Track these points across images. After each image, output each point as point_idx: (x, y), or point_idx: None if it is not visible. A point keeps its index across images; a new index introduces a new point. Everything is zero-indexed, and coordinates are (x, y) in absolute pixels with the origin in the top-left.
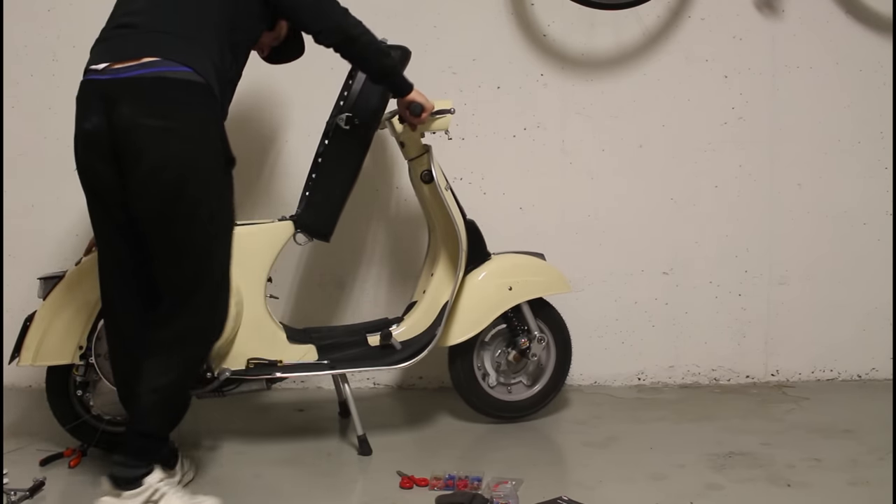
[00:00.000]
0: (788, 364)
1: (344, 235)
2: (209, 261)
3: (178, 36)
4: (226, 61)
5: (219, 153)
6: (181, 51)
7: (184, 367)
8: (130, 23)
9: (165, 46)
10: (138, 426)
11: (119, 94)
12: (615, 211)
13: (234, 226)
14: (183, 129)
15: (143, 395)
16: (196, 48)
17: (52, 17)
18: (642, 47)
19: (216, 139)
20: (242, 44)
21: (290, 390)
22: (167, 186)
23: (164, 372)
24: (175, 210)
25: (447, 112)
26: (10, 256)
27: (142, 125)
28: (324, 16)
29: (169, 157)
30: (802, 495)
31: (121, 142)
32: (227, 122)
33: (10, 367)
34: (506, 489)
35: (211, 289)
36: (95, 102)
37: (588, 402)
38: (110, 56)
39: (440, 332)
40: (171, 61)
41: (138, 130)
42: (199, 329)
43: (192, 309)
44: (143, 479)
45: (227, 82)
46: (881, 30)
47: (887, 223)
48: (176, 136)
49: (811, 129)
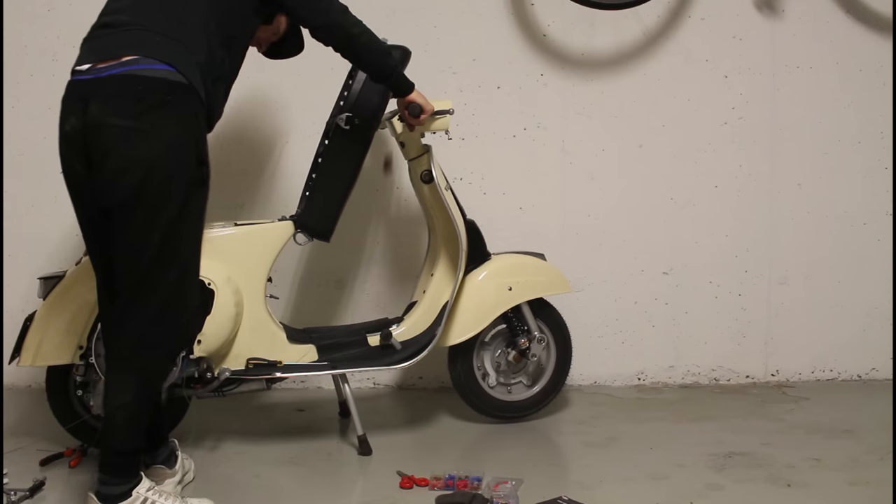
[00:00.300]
0: (788, 364)
1: (344, 235)
2: (166, 268)
3: (161, 33)
4: (216, 58)
5: (191, 156)
6: (162, 48)
7: (145, 380)
8: (114, 21)
9: (146, 44)
10: (112, 444)
11: (93, 93)
12: (615, 211)
13: (201, 233)
14: (153, 129)
15: (110, 413)
16: (178, 46)
17: (52, 17)
18: (642, 47)
19: (190, 141)
20: (237, 39)
21: (290, 390)
22: (128, 189)
23: (126, 388)
24: (134, 213)
25: (446, 113)
26: (10, 256)
27: (108, 124)
28: (321, 12)
29: (133, 159)
30: (802, 495)
31: (90, 141)
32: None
33: (10, 367)
34: (506, 489)
35: (165, 298)
36: (75, 103)
37: (588, 402)
38: (94, 56)
39: (440, 332)
40: (150, 59)
41: (105, 130)
42: (151, 339)
43: (142, 315)
44: (132, 491)
45: (218, 80)
46: (881, 30)
47: (887, 223)
48: (144, 137)
49: (811, 129)
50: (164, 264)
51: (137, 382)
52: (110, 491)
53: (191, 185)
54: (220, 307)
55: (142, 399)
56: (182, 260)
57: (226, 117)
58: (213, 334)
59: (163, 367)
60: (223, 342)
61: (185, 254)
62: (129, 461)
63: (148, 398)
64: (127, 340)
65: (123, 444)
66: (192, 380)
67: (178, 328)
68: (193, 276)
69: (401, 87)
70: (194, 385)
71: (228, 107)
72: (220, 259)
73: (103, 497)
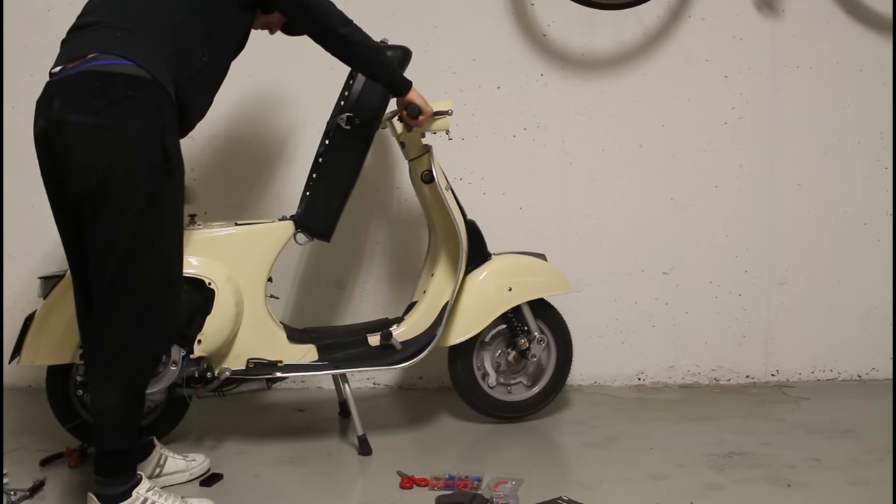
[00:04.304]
0: (788, 364)
1: (344, 235)
2: (140, 266)
3: (123, 29)
4: (192, 54)
5: (154, 149)
6: (122, 44)
7: (129, 382)
8: (84, 23)
9: (108, 41)
10: (104, 447)
11: (57, 92)
12: (615, 211)
13: (176, 229)
14: (113, 125)
15: (97, 417)
16: (140, 41)
17: (52, 17)
18: (642, 47)
19: (152, 135)
20: (219, 35)
21: (290, 390)
22: (91, 185)
23: (110, 391)
24: (100, 210)
25: (445, 113)
26: (10, 256)
27: (67, 121)
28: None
29: (94, 156)
30: (802, 495)
31: (53, 140)
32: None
33: (10, 367)
34: (506, 489)
35: (143, 298)
36: (43, 104)
37: (588, 403)
38: (66, 58)
39: (440, 332)
40: (110, 55)
41: (65, 127)
42: (131, 343)
43: (120, 319)
44: (132, 491)
45: (195, 76)
46: (881, 30)
47: (887, 223)
48: (105, 132)
49: (811, 129)
50: (137, 262)
51: (121, 385)
52: (110, 491)
53: (157, 179)
54: (220, 307)
55: (128, 400)
56: (158, 256)
57: (226, 117)
58: (214, 334)
59: (146, 367)
60: (223, 342)
61: (161, 250)
62: (123, 461)
63: (135, 398)
64: (105, 346)
65: (115, 445)
66: (192, 379)
67: (161, 328)
68: (174, 274)
69: (397, 87)
70: (194, 385)
71: (229, 107)
72: (220, 259)
73: (103, 498)
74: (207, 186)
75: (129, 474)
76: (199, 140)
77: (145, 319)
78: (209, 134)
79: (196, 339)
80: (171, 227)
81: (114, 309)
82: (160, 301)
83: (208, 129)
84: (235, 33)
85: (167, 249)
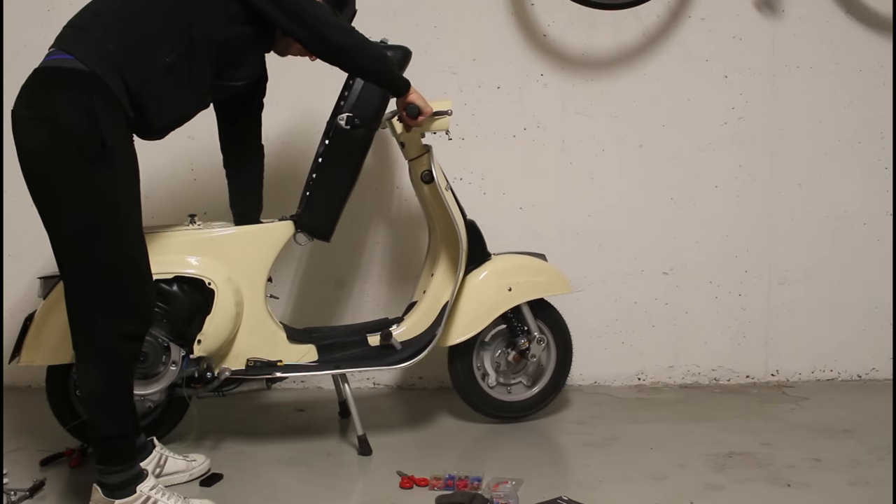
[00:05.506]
0: (788, 364)
1: (344, 235)
2: (89, 249)
3: (75, 26)
4: (153, 53)
5: (89, 138)
6: (67, 39)
7: (105, 364)
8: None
9: (60, 39)
10: (95, 433)
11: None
12: (615, 211)
13: (121, 216)
14: (45, 116)
15: (83, 401)
16: (86, 36)
17: (52, 17)
18: (642, 47)
19: (81, 122)
20: (199, 43)
21: (290, 390)
22: (31, 174)
23: (89, 374)
24: (44, 200)
25: (445, 113)
26: (10, 256)
27: (17, 116)
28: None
29: (32, 146)
30: (802, 495)
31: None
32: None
33: (10, 367)
34: (506, 489)
35: (99, 280)
36: None
37: (588, 402)
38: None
39: (440, 332)
40: (58, 51)
41: (15, 122)
42: (96, 323)
43: (82, 301)
44: (137, 487)
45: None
46: (881, 30)
47: (887, 223)
48: (43, 124)
49: (811, 129)
50: (83, 248)
51: (95, 369)
52: (110, 479)
53: (93, 166)
54: (220, 307)
55: (109, 383)
56: (103, 243)
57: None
58: (213, 334)
59: (115, 348)
60: (223, 342)
61: (109, 233)
62: (117, 446)
63: (117, 382)
64: (73, 331)
65: (106, 430)
66: (192, 379)
67: (121, 310)
68: (130, 257)
69: (396, 87)
70: (194, 385)
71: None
72: (220, 259)
73: (105, 486)
74: (207, 186)
75: (126, 460)
76: (199, 140)
77: (105, 302)
78: (209, 134)
79: (196, 339)
80: (119, 209)
81: (69, 295)
82: (110, 285)
83: (208, 129)
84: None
85: (121, 231)
